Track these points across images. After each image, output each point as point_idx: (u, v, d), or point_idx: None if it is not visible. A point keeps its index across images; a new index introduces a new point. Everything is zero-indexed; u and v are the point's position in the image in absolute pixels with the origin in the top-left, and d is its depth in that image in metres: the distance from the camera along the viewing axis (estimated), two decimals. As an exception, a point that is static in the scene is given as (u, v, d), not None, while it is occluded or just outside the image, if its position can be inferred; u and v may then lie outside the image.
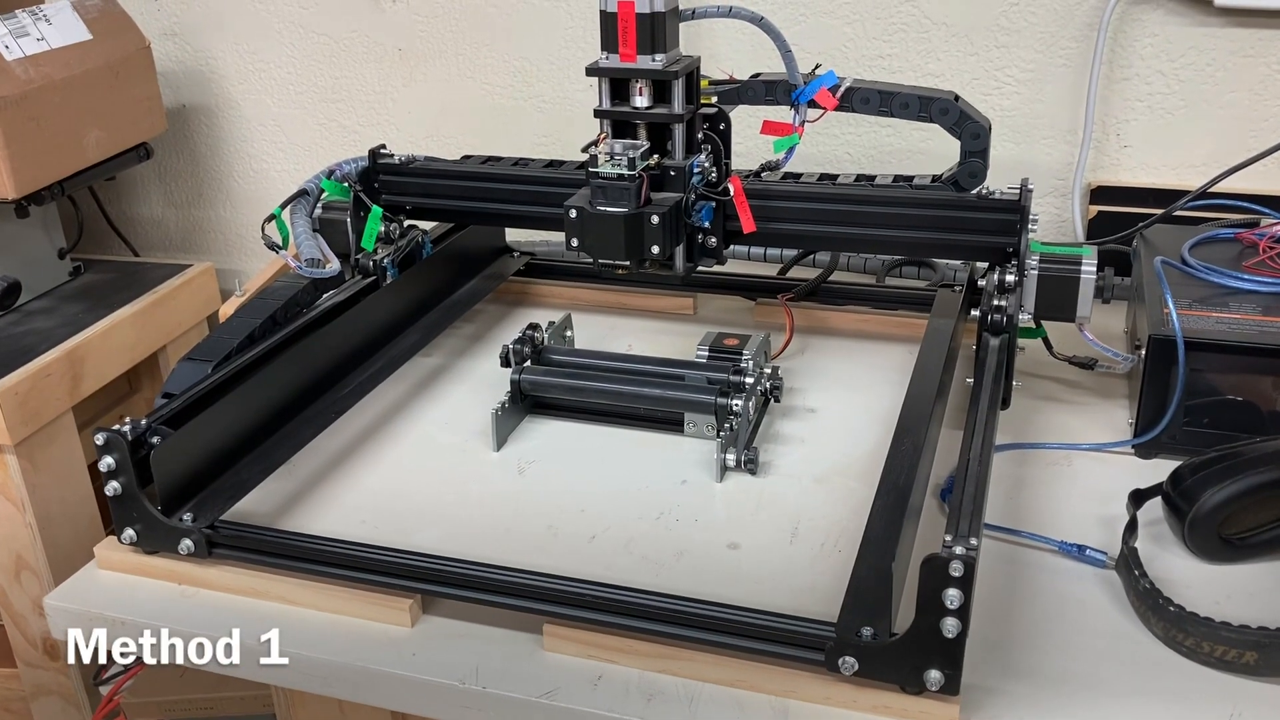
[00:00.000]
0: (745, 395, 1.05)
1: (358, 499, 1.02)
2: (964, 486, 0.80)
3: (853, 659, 0.75)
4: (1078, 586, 0.88)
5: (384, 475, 1.06)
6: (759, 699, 0.79)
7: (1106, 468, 1.03)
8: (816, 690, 0.78)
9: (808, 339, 1.27)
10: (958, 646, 0.73)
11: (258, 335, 1.08)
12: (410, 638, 0.86)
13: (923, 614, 0.73)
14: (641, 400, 1.08)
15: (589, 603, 0.82)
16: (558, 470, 1.05)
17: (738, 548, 0.94)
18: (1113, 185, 1.42)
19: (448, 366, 1.25)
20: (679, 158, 1.05)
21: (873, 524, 0.85)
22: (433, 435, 1.12)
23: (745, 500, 1.00)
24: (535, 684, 0.81)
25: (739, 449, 1.03)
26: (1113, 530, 0.94)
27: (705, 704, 0.79)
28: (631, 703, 0.79)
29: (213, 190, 1.86)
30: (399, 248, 1.22)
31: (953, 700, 0.75)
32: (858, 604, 0.78)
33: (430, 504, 1.01)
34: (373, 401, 1.18)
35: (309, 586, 0.89)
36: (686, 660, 0.81)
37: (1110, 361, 1.09)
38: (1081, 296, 1.01)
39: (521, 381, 1.10)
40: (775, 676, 0.79)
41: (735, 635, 0.79)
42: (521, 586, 0.84)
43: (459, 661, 0.83)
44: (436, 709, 0.83)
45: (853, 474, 1.03)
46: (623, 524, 0.97)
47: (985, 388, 0.94)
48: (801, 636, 0.78)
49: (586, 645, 0.83)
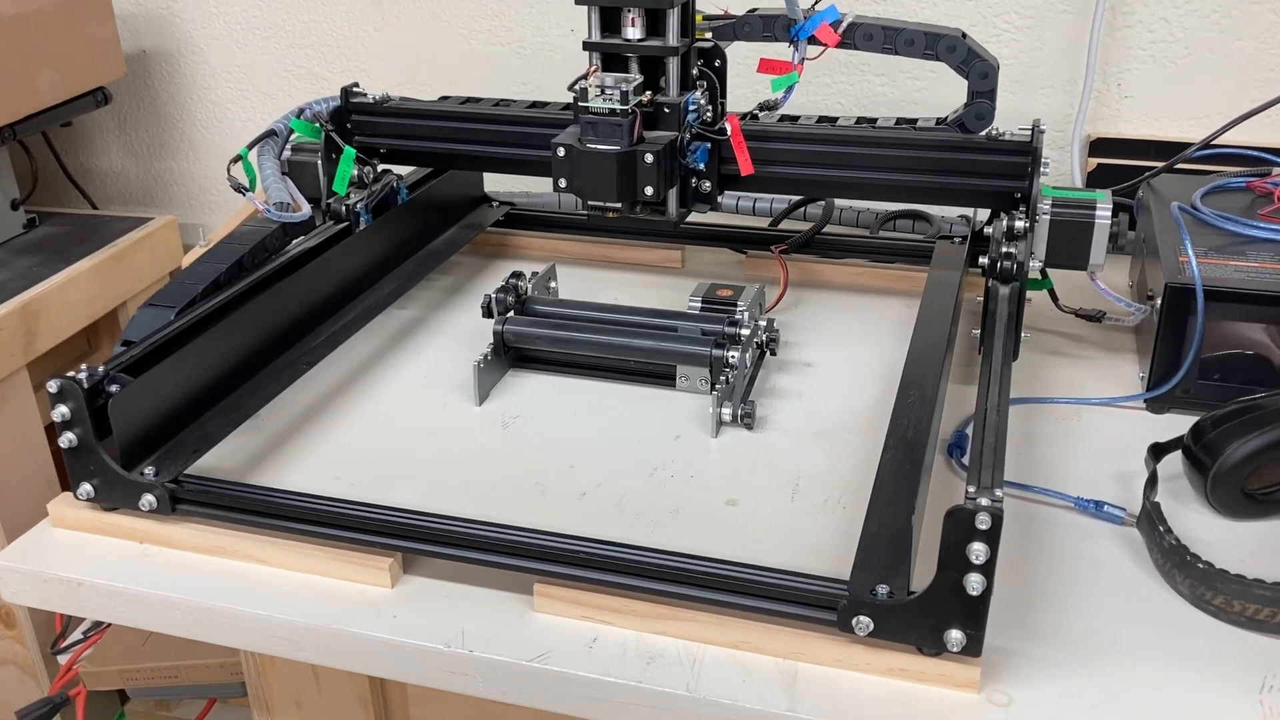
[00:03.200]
0: (741, 347, 1.00)
1: (331, 455, 0.97)
2: (983, 437, 0.75)
3: (868, 619, 0.70)
4: (1096, 544, 0.84)
5: (359, 431, 1.00)
6: (765, 662, 0.74)
7: (1117, 423, 0.99)
8: (827, 652, 0.73)
9: (801, 293, 1.22)
10: (981, 605, 0.68)
11: (223, 281, 1.01)
12: (390, 599, 0.81)
13: (944, 570, 0.68)
14: (632, 353, 1.03)
15: (582, 560, 0.77)
16: (544, 425, 1.00)
17: (736, 504, 0.89)
18: (1112, 137, 1.38)
19: (425, 319, 1.19)
20: (673, 94, 0.99)
21: (882, 477, 0.81)
22: (410, 389, 1.06)
23: (742, 456, 0.95)
24: (526, 647, 0.76)
25: (735, 403, 0.98)
26: (1127, 486, 0.90)
27: (708, 667, 0.74)
28: (629, 666, 0.74)
29: (175, 141, 1.78)
30: (373, 193, 1.16)
31: (974, 662, 0.71)
32: (871, 561, 0.74)
33: (409, 460, 0.95)
34: (346, 354, 1.12)
35: (280, 545, 0.84)
36: (687, 621, 0.76)
37: (1121, 313, 1.04)
38: (1095, 243, 0.96)
39: (505, 333, 1.04)
40: (783, 638, 0.74)
41: (740, 594, 0.74)
42: (510, 544, 0.79)
43: (443, 624, 0.78)
44: (419, 674, 0.78)
45: (854, 429, 0.98)
46: (614, 481, 0.92)
47: (998, 336, 0.89)
48: (811, 595, 0.73)
49: (580, 606, 0.78)
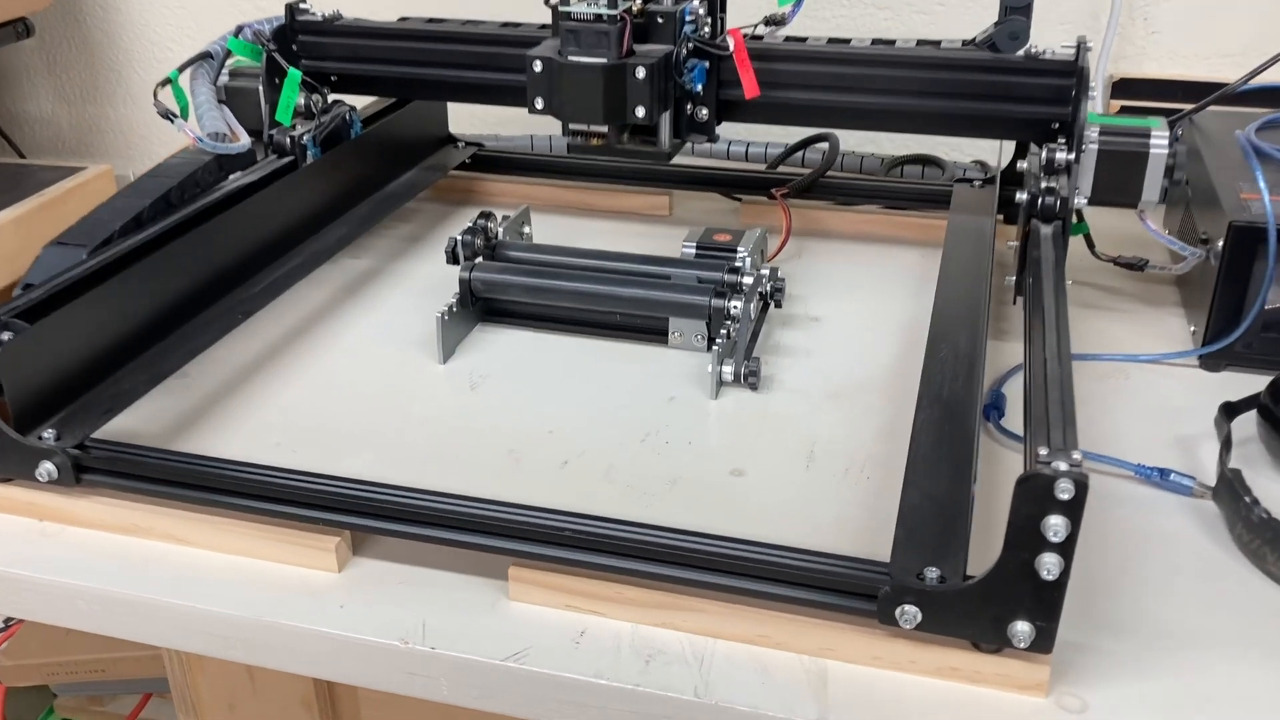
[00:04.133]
0: (744, 297, 0.87)
1: (270, 419, 0.83)
2: (1045, 391, 0.63)
3: (914, 608, 0.58)
4: (1163, 518, 0.72)
5: (303, 392, 0.86)
6: (788, 660, 0.62)
7: (1168, 381, 0.87)
8: (863, 648, 0.61)
9: (804, 242, 1.10)
10: (1056, 592, 0.56)
11: (146, 218, 0.87)
12: (337, 586, 0.68)
13: (1012, 550, 0.56)
14: (618, 304, 0.90)
15: (566, 538, 0.64)
16: (518, 385, 0.87)
17: (742, 474, 0.76)
18: (1137, 78, 1.26)
19: (381, 269, 1.06)
20: (668, 1, 0.86)
21: (919, 443, 0.69)
22: (364, 346, 0.93)
23: (747, 420, 0.83)
24: (499, 643, 0.63)
25: (737, 360, 0.86)
26: (1189, 452, 0.78)
27: (719, 667, 0.61)
28: (624, 665, 0.62)
29: (110, 84, 1.63)
30: (321, 124, 1.02)
31: (1042, 660, 0.59)
32: (916, 539, 0.61)
33: (362, 425, 0.82)
34: (290, 306, 0.98)
35: (206, 522, 0.70)
36: (694, 611, 0.63)
37: (1169, 261, 0.93)
38: (1149, 176, 0.84)
39: (473, 281, 0.91)
40: (809, 631, 0.62)
41: (757, 579, 0.62)
42: (479, 519, 0.66)
43: (400, 616, 0.65)
44: (371, 676, 0.65)
45: (873, 390, 0.86)
46: (600, 448, 0.79)
47: (1047, 278, 0.77)
48: (845, 580, 0.60)
49: (565, 593, 0.65)
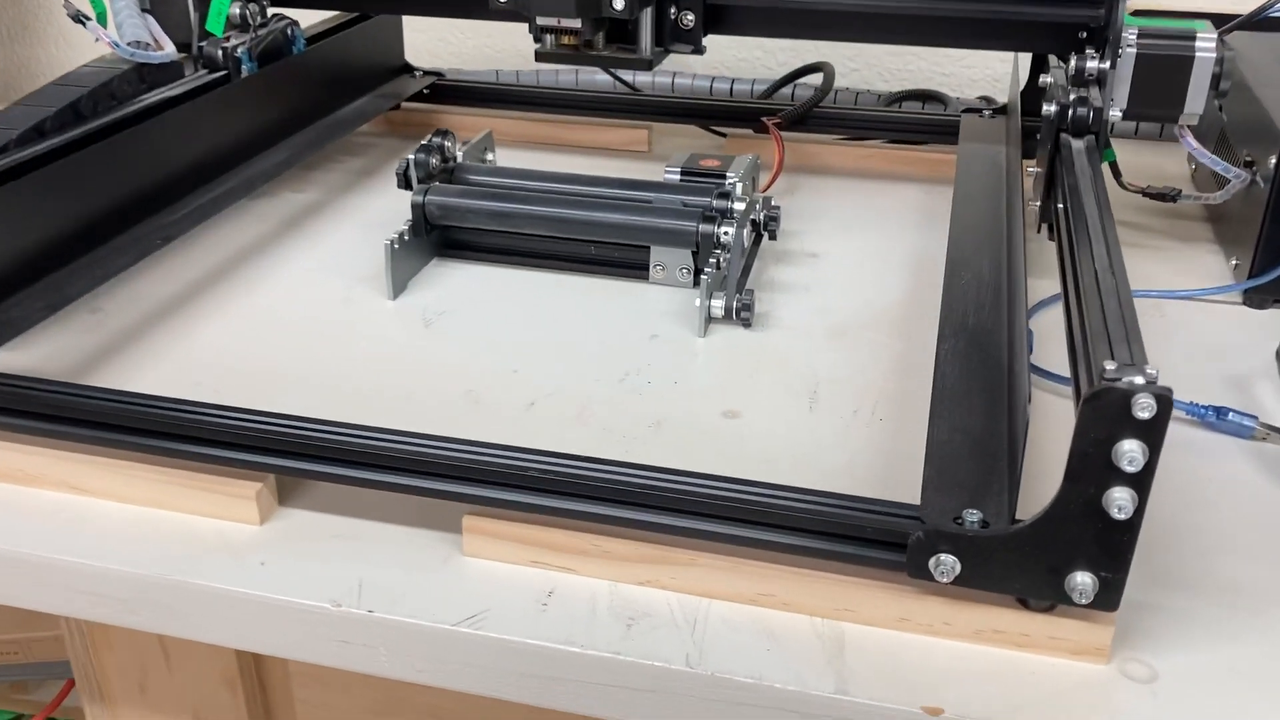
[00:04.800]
0: (736, 223, 0.77)
1: (192, 357, 0.72)
2: (1102, 304, 0.53)
3: (951, 557, 0.48)
4: (1221, 463, 0.63)
5: (233, 329, 0.76)
6: (798, 622, 0.52)
7: (1209, 319, 0.78)
8: (888, 608, 0.51)
9: (797, 178, 1.00)
10: (1128, 534, 0.46)
11: (50, 129, 0.76)
12: (259, 540, 0.57)
13: (1075, 482, 0.46)
14: (593, 230, 0.79)
15: (533, 481, 0.54)
16: (478, 323, 0.77)
17: (737, 416, 0.66)
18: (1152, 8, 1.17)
19: (328, 203, 0.95)
20: (651, -117, 0.76)
21: (944, 375, 0.59)
22: (304, 281, 0.82)
23: (740, 359, 0.73)
24: (451, 606, 0.53)
25: (729, 293, 0.75)
26: (1243, 392, 0.69)
27: (715, 630, 0.51)
28: (601, 630, 0.51)
29: (41, 23, 1.51)
30: (258, 37, 0.90)
31: (1104, 620, 0.49)
32: (949, 478, 0.51)
33: (297, 365, 0.71)
34: (222, 239, 0.87)
35: (106, 466, 0.59)
36: (685, 566, 0.53)
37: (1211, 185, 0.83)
38: (1194, 85, 0.74)
39: (428, 205, 0.80)
40: (824, 588, 0.52)
41: (761, 526, 0.52)
42: (429, 459, 0.55)
43: (332, 574, 0.55)
44: (297, 645, 0.54)
45: (880, 327, 0.76)
46: (572, 388, 0.69)
47: (1087, 190, 0.67)
48: (867, 526, 0.50)
49: (530, 546, 0.55)
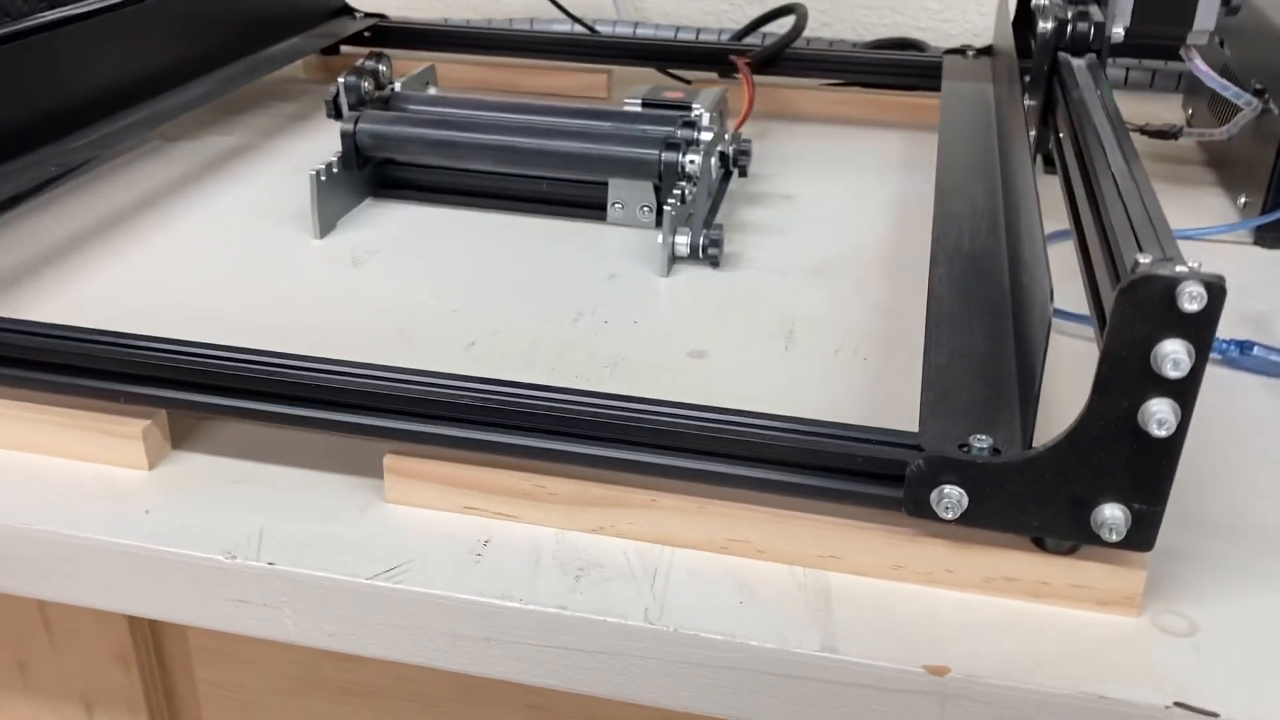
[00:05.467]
0: (703, 151, 0.70)
1: (88, 295, 0.64)
2: (1124, 205, 0.46)
3: (957, 489, 0.41)
4: (1246, 400, 0.56)
5: (138, 267, 0.67)
6: (776, 572, 0.44)
7: (1217, 259, 0.71)
8: (880, 553, 0.43)
9: (768, 124, 0.93)
10: (1168, 456, 0.39)
11: (-72, 42, 0.67)
12: (147, 486, 0.49)
13: (1106, 394, 0.38)
14: (545, 160, 0.72)
15: (466, 412, 0.46)
16: (414, 262, 0.69)
17: (704, 356, 0.59)
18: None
19: (255, 146, 0.86)
20: None
21: (938, 299, 0.52)
22: (222, 220, 0.73)
23: (707, 298, 0.65)
24: (369, 558, 0.45)
25: (695, 228, 0.68)
26: (1264, 329, 0.62)
27: (678, 582, 0.44)
28: (545, 584, 0.43)
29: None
30: (179, -41, 0.82)
31: (1135, 563, 0.42)
32: (951, 404, 0.44)
33: (208, 304, 0.63)
34: (133, 178, 0.79)
35: (-34, 404, 0.51)
36: (644, 509, 0.45)
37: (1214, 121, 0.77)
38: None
39: (359, 134, 0.72)
40: (805, 532, 0.44)
41: (732, 460, 0.44)
42: (345, 388, 0.47)
43: (229, 523, 0.46)
44: (188, 607, 0.46)
45: (863, 266, 0.69)
46: (518, 327, 0.61)
47: (1094, 105, 0.60)
48: (856, 456, 0.43)
49: (463, 490, 0.47)
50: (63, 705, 0.59)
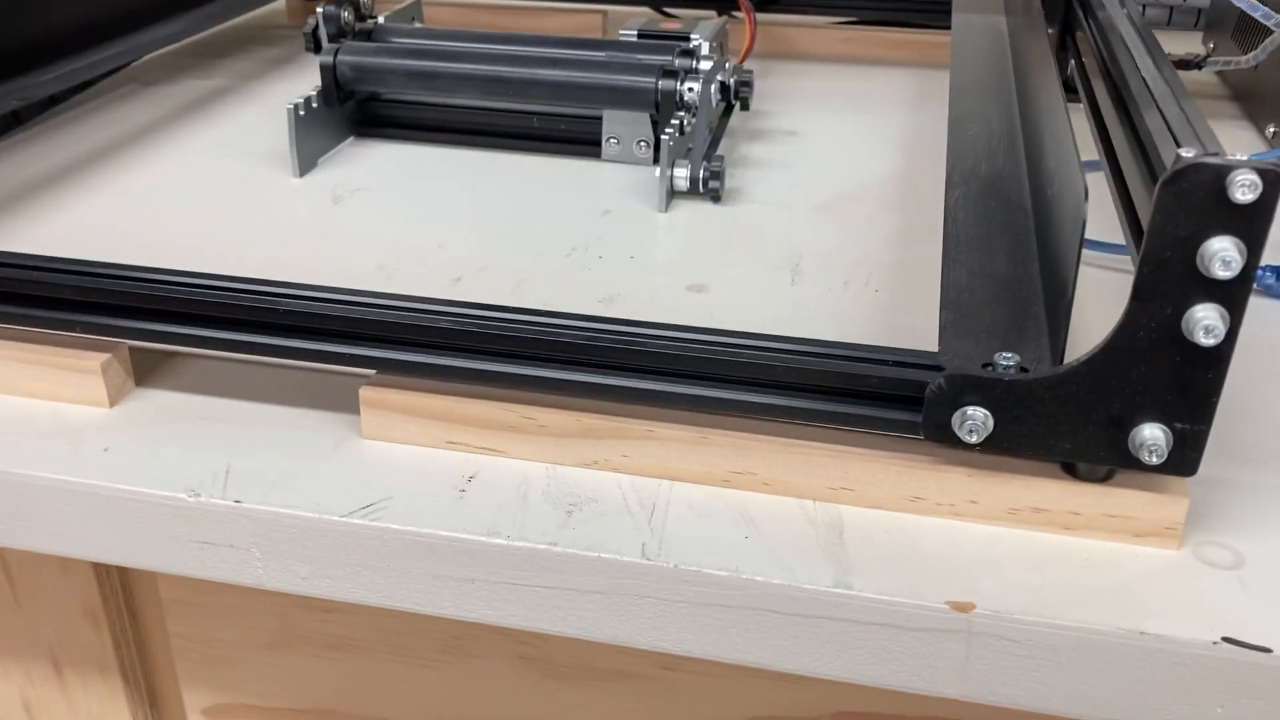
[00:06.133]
0: (702, 79, 0.66)
1: (54, 234, 0.60)
2: (1158, 107, 0.42)
3: (982, 410, 0.37)
4: None
5: (108, 206, 0.64)
6: (784, 506, 0.41)
7: (1248, 195, 0.67)
8: (897, 484, 0.40)
9: (770, 63, 0.89)
10: (1215, 370, 0.35)
11: (-118, -31, 0.64)
12: (107, 424, 0.45)
13: (1148, 299, 0.35)
14: (535, 91, 0.68)
15: (448, 339, 0.43)
16: (397, 200, 0.65)
17: (705, 290, 0.55)
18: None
19: (235, 89, 0.82)
20: None
21: (955, 221, 0.48)
22: (197, 160, 0.70)
23: (708, 232, 0.62)
24: (344, 496, 0.41)
25: (694, 160, 0.64)
26: (1297, 262, 0.59)
27: (678, 516, 0.40)
28: (534, 519, 0.40)
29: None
30: (151, -110, 0.78)
31: (1176, 490, 0.38)
32: (971, 323, 0.41)
33: (180, 241, 0.59)
34: (106, 120, 0.76)
35: (-86, 339, 0.48)
36: (640, 441, 0.42)
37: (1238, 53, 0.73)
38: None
39: (339, 66, 0.68)
40: (814, 463, 0.40)
41: (735, 385, 0.41)
42: (317, 313, 0.43)
43: (194, 461, 0.43)
44: (149, 551, 0.43)
45: (872, 201, 0.65)
46: (507, 263, 0.58)
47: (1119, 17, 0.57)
48: (871, 377, 0.39)
49: (445, 423, 0.43)
50: (30, 664, 0.55)
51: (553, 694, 0.49)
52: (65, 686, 0.56)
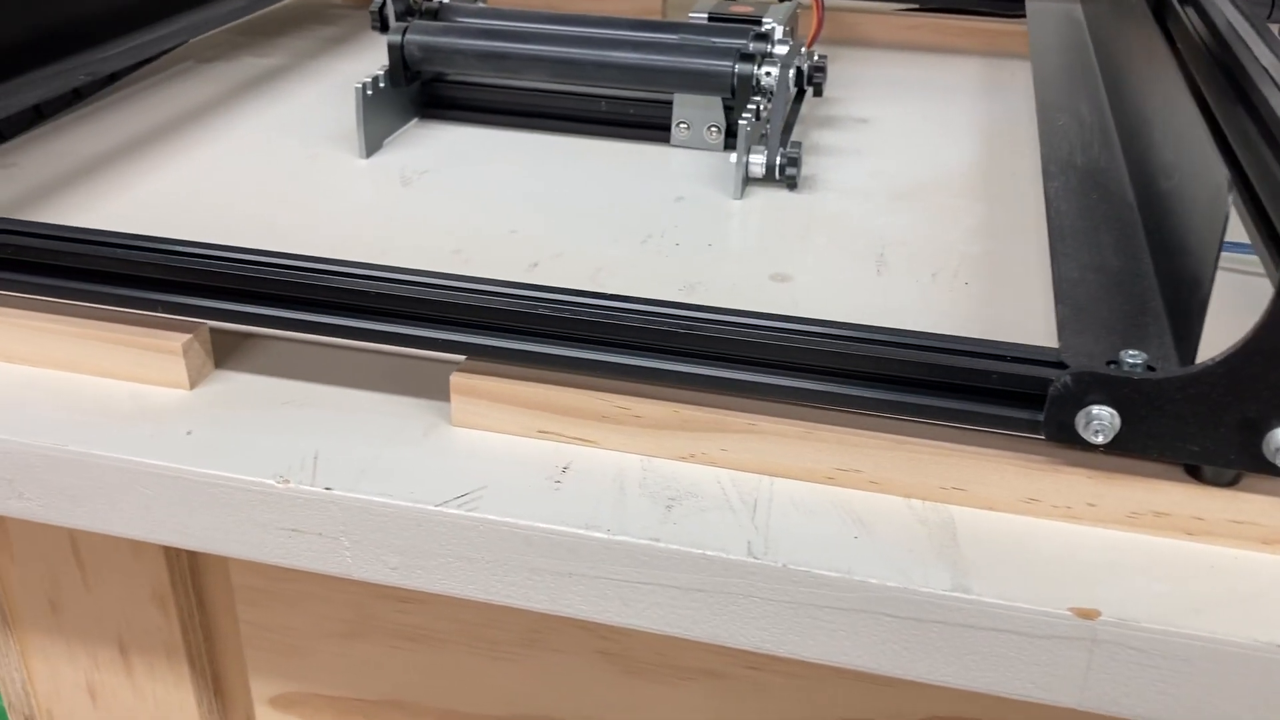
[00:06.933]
0: (780, 63, 0.64)
1: (119, 214, 0.59)
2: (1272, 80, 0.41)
3: (1108, 409, 0.36)
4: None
5: (172, 185, 0.63)
6: (891, 505, 0.39)
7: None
8: (1012, 484, 0.39)
9: (835, 49, 0.87)
10: (1361, 370, 0.34)
11: (-52, -61, 0.63)
12: (187, 406, 0.44)
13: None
14: (606, 74, 0.67)
15: (544, 325, 0.41)
16: (466, 182, 0.64)
17: (788, 280, 0.54)
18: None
19: (293, 67, 0.81)
20: None
21: (1058, 212, 0.47)
22: (261, 139, 0.69)
23: (786, 220, 0.60)
24: (435, 484, 0.40)
25: (771, 146, 0.63)
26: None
27: (782, 513, 0.39)
28: (634, 513, 0.39)
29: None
30: None
31: (1311, 494, 0.37)
32: (1090, 318, 0.39)
33: (248, 222, 0.58)
34: (165, 97, 0.75)
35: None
36: (741, 434, 0.41)
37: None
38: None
39: (407, 45, 0.67)
40: (925, 462, 0.39)
41: (842, 378, 0.39)
42: (409, 296, 0.42)
43: (281, 446, 0.42)
44: (234, 537, 0.42)
45: (952, 190, 0.63)
46: (583, 249, 0.56)
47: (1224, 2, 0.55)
48: (991, 373, 0.38)
49: (538, 412, 0.42)
50: (97, 647, 0.55)
51: (632, 691, 0.48)
52: (131, 671, 0.55)
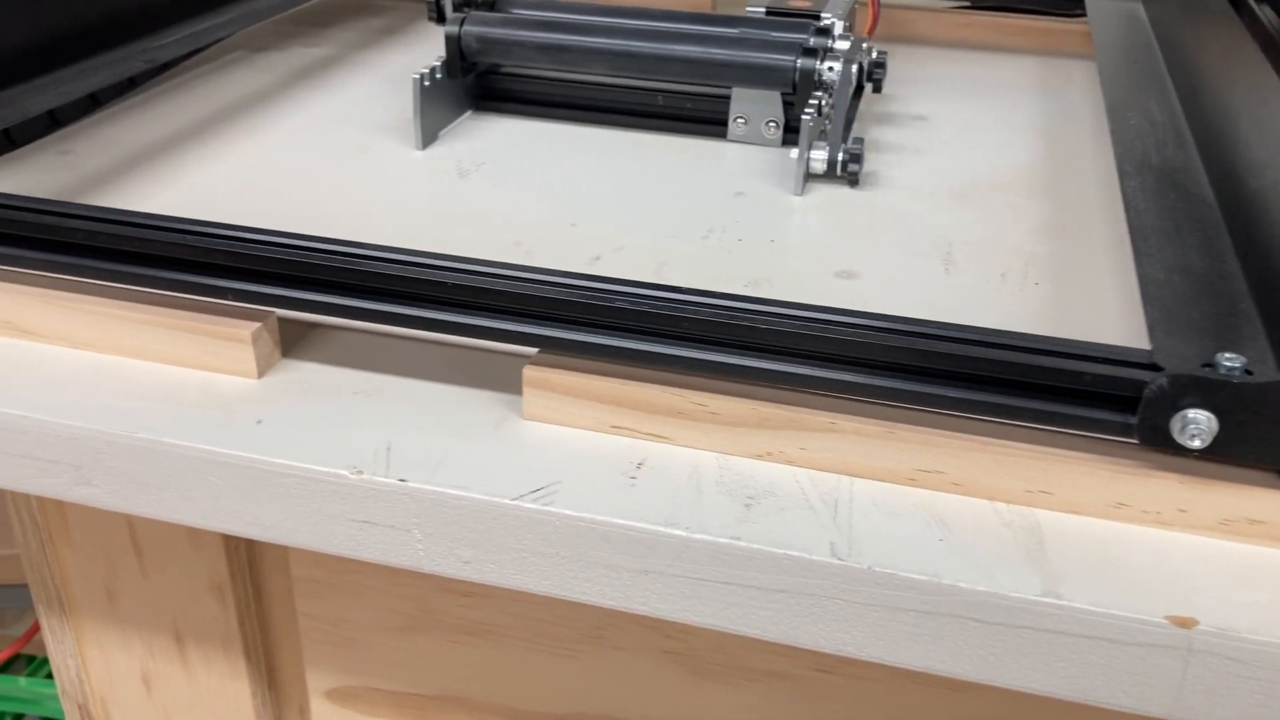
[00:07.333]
0: (842, 58, 0.64)
1: (175, 203, 0.59)
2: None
3: (1205, 413, 0.35)
4: None
5: (229, 174, 0.62)
6: (975, 508, 0.39)
7: None
8: (1100, 489, 0.38)
9: (888, 46, 0.86)
10: None
11: (10, -76, 0.62)
12: (256, 395, 0.44)
13: (1405, 303, 0.32)
14: (666, 67, 0.66)
15: (618, 319, 0.41)
16: (524, 174, 0.63)
17: (855, 277, 0.53)
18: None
19: (344, 58, 0.81)
20: None
21: (1137, 211, 0.46)
22: (313, 129, 0.68)
23: (849, 217, 0.59)
24: (509, 478, 0.40)
25: (833, 142, 0.62)
26: None
27: (864, 514, 0.38)
28: (712, 511, 0.38)
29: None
30: None
31: None
32: (1181, 320, 0.38)
33: (309, 209, 0.58)
34: (218, 86, 0.74)
35: (55, 301, 0.46)
36: (821, 433, 0.40)
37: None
38: None
39: (464, 36, 0.66)
40: (1011, 464, 0.38)
41: (924, 378, 0.39)
42: (481, 287, 0.42)
43: (352, 437, 0.42)
44: (305, 528, 0.41)
45: (1016, 189, 0.63)
46: (644, 243, 0.56)
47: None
48: (1084, 374, 0.37)
49: (612, 406, 0.42)
50: (153, 637, 0.54)
51: (697, 691, 0.47)
52: (186, 661, 0.54)
